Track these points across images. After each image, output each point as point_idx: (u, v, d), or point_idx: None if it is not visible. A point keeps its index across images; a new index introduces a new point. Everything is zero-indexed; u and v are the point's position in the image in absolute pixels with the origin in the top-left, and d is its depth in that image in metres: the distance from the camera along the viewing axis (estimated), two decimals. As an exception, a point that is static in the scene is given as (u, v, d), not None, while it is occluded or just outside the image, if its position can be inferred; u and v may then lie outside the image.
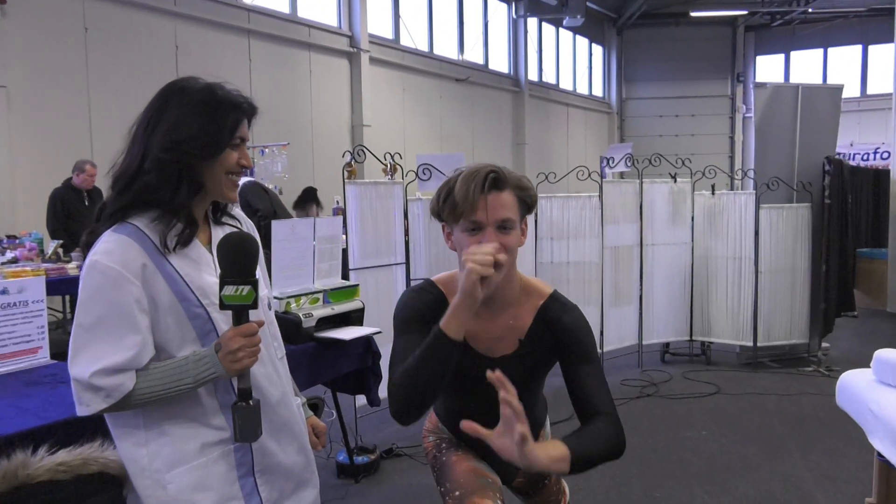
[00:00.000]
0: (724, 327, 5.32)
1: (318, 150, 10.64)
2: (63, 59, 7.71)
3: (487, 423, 1.79)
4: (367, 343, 3.09)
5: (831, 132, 5.51)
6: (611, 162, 4.98)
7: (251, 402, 1.35)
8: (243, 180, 6.46)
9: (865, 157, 14.97)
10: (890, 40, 7.52)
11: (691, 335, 5.40)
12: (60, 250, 5.93)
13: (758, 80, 21.29)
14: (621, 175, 11.04)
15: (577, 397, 1.56)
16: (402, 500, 3.15)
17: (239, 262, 1.32)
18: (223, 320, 1.37)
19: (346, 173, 3.71)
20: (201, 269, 1.38)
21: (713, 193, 5.33)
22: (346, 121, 11.67)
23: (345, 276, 3.63)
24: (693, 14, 18.89)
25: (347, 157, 3.77)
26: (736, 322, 5.27)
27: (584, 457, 1.41)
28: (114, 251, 1.30)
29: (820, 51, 20.71)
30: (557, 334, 1.63)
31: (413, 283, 4.12)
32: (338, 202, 8.73)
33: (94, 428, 1.70)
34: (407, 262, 4.12)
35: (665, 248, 5.29)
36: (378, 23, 12.36)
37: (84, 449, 1.25)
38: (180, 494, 1.35)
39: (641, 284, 5.24)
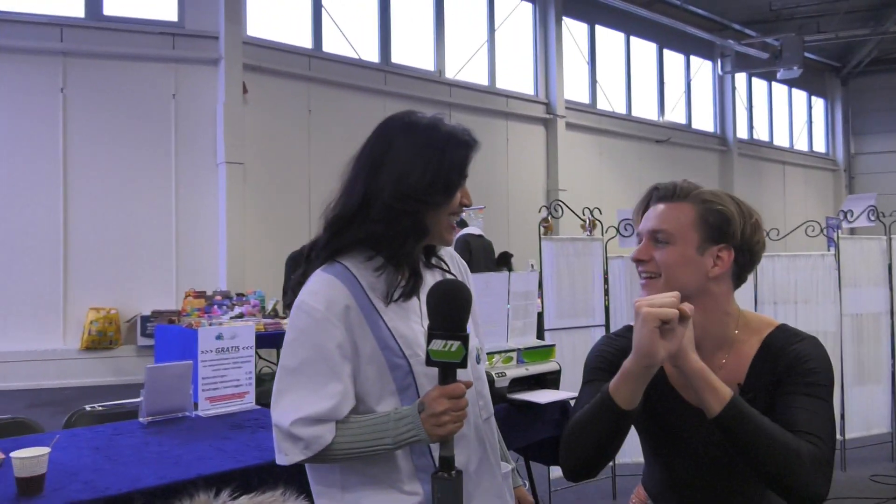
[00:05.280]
0: None
1: (514, 215, 10.74)
2: (289, 139, 8.68)
3: (701, 498, 1.44)
4: (563, 408, 2.84)
5: None
6: (849, 215, 4.31)
7: (453, 472, 1.18)
8: (460, 233, 6.41)
9: None
10: None
11: (967, 426, 4.37)
12: (279, 307, 6.48)
13: None
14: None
15: (783, 424, 1.20)
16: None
17: (449, 313, 1.18)
18: (424, 375, 1.25)
19: (542, 229, 3.57)
20: (409, 316, 1.26)
21: None
22: (542, 185, 11.71)
23: (539, 337, 3.44)
24: (938, 55, 16.60)
25: (544, 213, 3.63)
26: None
27: (747, 418, 1.15)
28: (319, 291, 1.24)
29: None
30: (781, 363, 1.28)
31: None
32: (532, 266, 8.63)
33: (287, 477, 1.67)
34: (607, 325, 3.82)
35: (924, 316, 4.40)
36: (574, 88, 12.41)
37: (265, 497, 1.17)
38: None
39: (894, 360, 4.38)
